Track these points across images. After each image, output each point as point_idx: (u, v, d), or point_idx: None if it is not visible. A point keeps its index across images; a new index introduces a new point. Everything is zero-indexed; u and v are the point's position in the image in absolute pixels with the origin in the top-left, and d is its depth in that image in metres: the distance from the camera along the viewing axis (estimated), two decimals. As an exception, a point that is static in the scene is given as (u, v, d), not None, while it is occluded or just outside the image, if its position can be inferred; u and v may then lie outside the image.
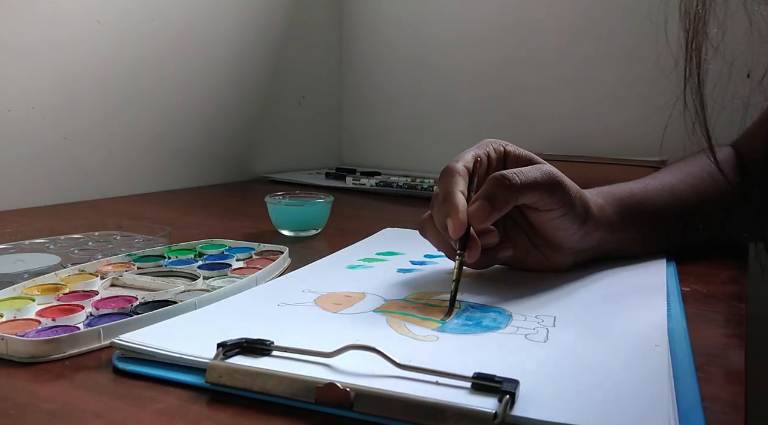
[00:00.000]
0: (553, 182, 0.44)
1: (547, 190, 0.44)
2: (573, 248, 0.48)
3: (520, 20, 1.09)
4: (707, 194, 0.54)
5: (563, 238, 0.46)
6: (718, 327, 0.39)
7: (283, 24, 1.14)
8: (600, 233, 0.48)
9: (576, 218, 0.46)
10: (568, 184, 0.45)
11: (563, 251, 0.48)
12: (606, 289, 0.44)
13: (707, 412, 0.27)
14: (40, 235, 0.57)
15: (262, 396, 0.29)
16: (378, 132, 1.26)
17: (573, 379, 0.29)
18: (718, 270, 0.50)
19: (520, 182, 0.43)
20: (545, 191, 0.44)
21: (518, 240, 0.48)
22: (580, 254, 0.49)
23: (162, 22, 0.93)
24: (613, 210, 0.50)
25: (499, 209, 0.42)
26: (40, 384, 0.30)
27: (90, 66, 0.84)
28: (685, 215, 0.53)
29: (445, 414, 0.26)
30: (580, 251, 0.48)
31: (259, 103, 1.11)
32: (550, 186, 0.44)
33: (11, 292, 0.41)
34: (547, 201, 0.44)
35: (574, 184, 0.46)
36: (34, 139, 0.79)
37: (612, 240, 0.50)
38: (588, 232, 0.47)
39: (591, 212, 0.47)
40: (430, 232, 0.46)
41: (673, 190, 0.54)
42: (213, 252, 0.54)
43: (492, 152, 0.47)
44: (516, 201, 0.43)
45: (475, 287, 0.45)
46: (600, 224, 0.48)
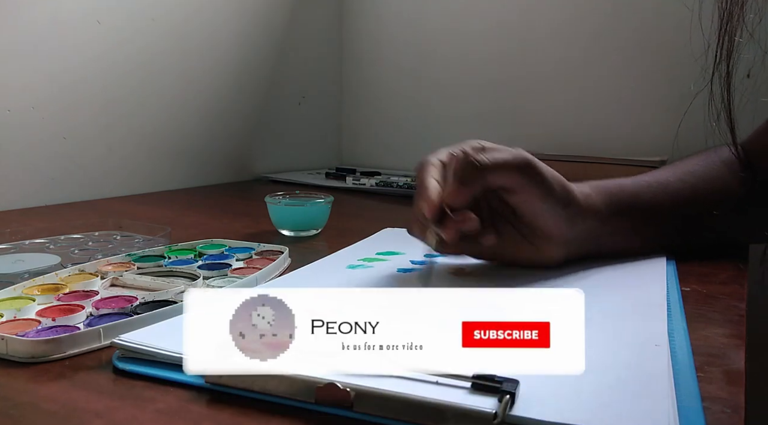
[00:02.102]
0: (523, 162, 0.44)
1: (518, 169, 0.44)
2: (562, 237, 0.47)
3: (520, 20, 1.09)
4: (704, 192, 0.54)
5: (548, 224, 0.46)
6: (718, 327, 0.39)
7: (284, 24, 1.14)
8: (589, 222, 0.48)
9: (556, 201, 0.46)
10: (542, 166, 0.45)
11: (553, 241, 0.47)
12: (605, 289, 0.44)
13: (707, 412, 0.27)
14: (40, 235, 0.57)
15: (263, 396, 0.29)
16: (378, 132, 1.26)
17: (573, 379, 0.29)
18: (718, 270, 0.50)
19: (488, 160, 0.43)
20: (516, 171, 0.44)
21: (506, 233, 0.48)
22: (571, 245, 0.48)
23: (162, 22, 0.93)
24: (600, 199, 0.49)
25: (468, 186, 0.43)
26: (40, 384, 0.30)
27: (90, 66, 0.84)
28: (681, 213, 0.53)
29: (445, 414, 0.26)
30: (570, 241, 0.48)
31: (259, 104, 1.11)
32: (520, 166, 0.44)
33: (11, 292, 0.41)
34: (520, 181, 0.44)
35: (550, 169, 0.46)
36: (34, 139, 0.79)
37: (604, 233, 0.49)
38: (574, 218, 0.47)
39: (574, 197, 0.47)
40: (415, 225, 0.46)
41: (668, 186, 0.54)
42: (213, 252, 0.54)
43: (468, 148, 0.48)
44: (486, 180, 0.44)
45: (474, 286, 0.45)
46: (587, 211, 0.48)
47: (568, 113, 1.06)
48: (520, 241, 0.48)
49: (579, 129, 1.05)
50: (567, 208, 0.46)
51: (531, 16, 1.08)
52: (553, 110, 1.08)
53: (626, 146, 0.97)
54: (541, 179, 0.45)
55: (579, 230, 0.48)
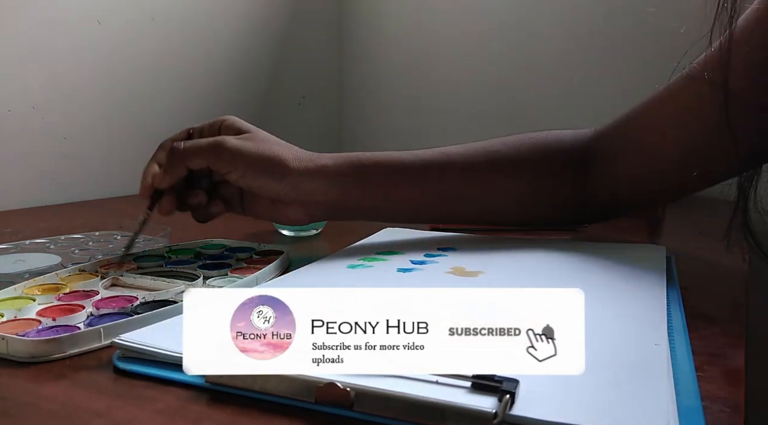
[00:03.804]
0: (217, 146, 0.49)
1: (212, 154, 0.49)
2: (296, 200, 0.52)
3: (520, 21, 1.09)
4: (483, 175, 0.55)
5: (270, 192, 0.51)
6: (717, 326, 0.39)
7: (283, 24, 1.14)
8: (318, 185, 0.51)
9: (265, 175, 0.50)
10: (236, 145, 0.49)
11: (289, 205, 0.52)
12: (605, 288, 0.44)
13: (707, 411, 0.27)
14: (40, 235, 0.57)
15: (262, 395, 0.29)
16: (378, 132, 1.26)
17: (573, 379, 0.29)
18: (717, 270, 0.50)
19: (183, 148, 0.49)
20: (210, 155, 0.49)
21: (256, 201, 0.53)
22: (311, 207, 0.53)
23: (162, 22, 0.93)
24: (339, 164, 0.52)
25: (171, 171, 0.50)
26: (41, 384, 0.30)
27: (90, 66, 0.85)
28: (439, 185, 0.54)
29: (445, 414, 0.26)
30: (306, 203, 0.52)
31: (259, 104, 1.11)
32: (213, 150, 0.49)
33: (12, 292, 0.41)
34: (217, 165, 0.50)
35: (256, 145, 0.50)
36: (35, 139, 0.79)
37: (336, 192, 0.52)
38: (297, 185, 0.51)
39: (289, 167, 0.50)
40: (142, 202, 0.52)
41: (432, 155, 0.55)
42: (213, 252, 0.54)
43: (210, 125, 0.54)
44: (185, 165, 0.49)
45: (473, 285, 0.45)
46: (314, 174, 0.51)
47: (568, 113, 1.06)
48: (262, 204, 0.53)
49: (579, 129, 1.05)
50: (283, 179, 0.50)
51: (531, 16, 1.08)
52: (554, 110, 1.08)
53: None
54: (236, 162, 0.49)
55: (309, 193, 0.51)
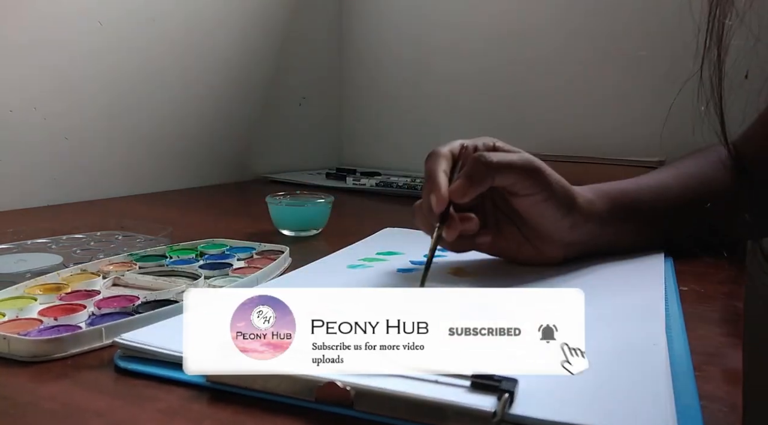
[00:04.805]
0: (530, 165, 0.45)
1: (524, 171, 0.45)
2: (562, 240, 0.48)
3: (520, 20, 1.09)
4: (704, 194, 0.54)
5: (549, 227, 0.47)
6: (715, 326, 0.39)
7: (284, 24, 1.15)
8: (590, 226, 0.49)
9: (559, 206, 0.46)
10: (548, 171, 0.46)
11: (553, 243, 0.48)
12: (603, 288, 0.44)
13: (705, 411, 0.28)
14: (42, 235, 0.58)
15: (263, 394, 0.29)
16: (378, 132, 1.26)
17: (572, 378, 0.29)
18: (715, 270, 0.50)
19: (496, 161, 0.44)
20: (522, 173, 0.45)
21: (508, 231, 0.49)
22: (571, 247, 0.49)
23: (163, 22, 0.93)
24: (602, 203, 0.50)
25: (476, 185, 0.44)
26: (42, 384, 0.31)
27: (91, 67, 0.85)
28: (682, 215, 0.53)
29: (445, 413, 0.26)
30: (570, 243, 0.49)
31: (259, 104, 1.11)
32: (526, 168, 0.45)
33: (13, 291, 0.41)
34: (524, 184, 0.45)
35: (556, 174, 0.47)
36: (36, 139, 0.79)
37: (603, 235, 0.50)
38: (575, 223, 0.48)
39: (576, 203, 0.48)
40: (418, 215, 0.47)
41: (669, 189, 0.54)
42: (214, 252, 0.54)
43: (481, 144, 0.49)
44: (493, 180, 0.44)
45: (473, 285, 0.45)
46: (589, 216, 0.48)
47: (568, 113, 1.06)
48: (521, 240, 0.49)
49: (579, 129, 1.05)
50: (569, 214, 0.47)
51: (531, 16, 1.08)
52: (554, 110, 1.08)
53: (626, 147, 0.97)
54: (546, 184, 0.45)
55: (579, 233, 0.48)
